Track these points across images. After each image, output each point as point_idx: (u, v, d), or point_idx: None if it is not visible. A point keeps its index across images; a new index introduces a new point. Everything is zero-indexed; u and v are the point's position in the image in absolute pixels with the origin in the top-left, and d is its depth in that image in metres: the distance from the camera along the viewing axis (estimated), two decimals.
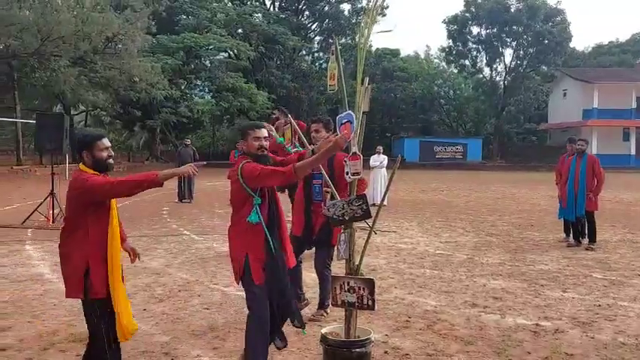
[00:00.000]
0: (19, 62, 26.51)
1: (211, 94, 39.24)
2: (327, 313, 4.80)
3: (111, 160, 3.39)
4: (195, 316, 4.89)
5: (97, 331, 3.30)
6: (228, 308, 5.12)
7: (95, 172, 3.30)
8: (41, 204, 10.50)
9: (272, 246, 3.49)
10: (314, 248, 4.94)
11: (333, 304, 3.51)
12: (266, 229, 3.46)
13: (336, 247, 3.57)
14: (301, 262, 5.01)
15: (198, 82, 39.54)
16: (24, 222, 10.20)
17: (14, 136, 29.42)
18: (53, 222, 10.18)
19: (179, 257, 7.54)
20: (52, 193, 10.44)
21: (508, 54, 46.90)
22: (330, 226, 4.63)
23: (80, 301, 3.36)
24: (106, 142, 3.37)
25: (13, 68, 27.11)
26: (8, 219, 10.84)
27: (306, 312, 4.91)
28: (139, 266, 6.85)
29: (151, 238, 8.98)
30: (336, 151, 3.33)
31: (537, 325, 4.70)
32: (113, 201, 3.37)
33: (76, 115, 37.41)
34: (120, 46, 27.38)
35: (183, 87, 36.48)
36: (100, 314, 3.28)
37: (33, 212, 10.36)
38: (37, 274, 6.41)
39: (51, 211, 10.35)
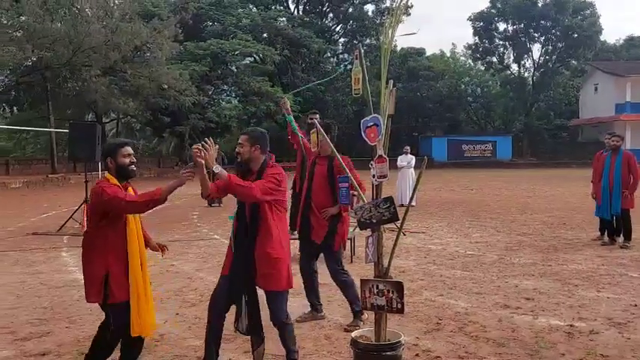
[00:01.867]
0: (52, 73, 27.26)
1: (238, 98, 39.65)
2: (363, 322, 4.60)
3: (133, 167, 3.59)
4: (227, 319, 4.93)
5: (109, 332, 3.57)
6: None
7: (117, 183, 3.48)
8: (76, 211, 10.77)
9: (233, 251, 3.68)
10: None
11: (362, 308, 3.51)
12: (232, 232, 3.71)
13: (364, 250, 3.57)
14: (316, 271, 4.94)
15: (225, 88, 40.00)
16: (60, 229, 10.48)
17: (49, 145, 30.23)
18: None
19: (210, 261, 7.64)
20: (86, 201, 10.69)
21: (536, 49, 46.21)
22: (332, 231, 4.67)
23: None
24: (129, 149, 3.58)
25: (46, 79, 27.89)
26: (45, 226, 11.15)
27: (341, 322, 4.82)
28: (171, 271, 6.98)
29: (182, 243, 9.13)
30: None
31: (571, 326, 4.62)
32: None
33: (108, 122, 38.22)
34: (148, 54, 27.97)
35: (210, 93, 36.95)
36: (114, 318, 3.50)
37: (68, 219, 10.63)
38: (73, 280, 6.57)
39: (85, 218, 10.60)
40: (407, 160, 14.32)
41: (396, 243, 3.43)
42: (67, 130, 14.12)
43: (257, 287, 3.70)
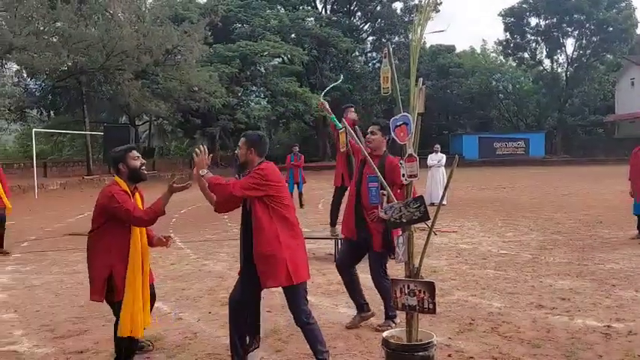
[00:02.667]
0: (86, 77, 27.89)
1: (267, 99, 39.93)
2: (396, 324, 4.54)
3: (144, 168, 3.80)
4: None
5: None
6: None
7: (126, 189, 3.66)
8: None
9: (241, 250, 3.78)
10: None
11: (393, 307, 3.49)
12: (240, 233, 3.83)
13: (395, 250, 3.55)
14: (355, 272, 4.86)
15: (254, 89, 40.34)
16: None
17: (84, 148, 30.95)
18: None
19: None
20: None
21: (570, 44, 45.09)
22: (388, 237, 4.46)
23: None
24: (136, 152, 3.79)
25: (81, 83, 28.55)
26: (81, 227, 11.42)
27: (372, 321, 4.79)
28: (203, 270, 7.08)
29: (213, 242, 9.24)
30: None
31: (609, 326, 4.51)
32: (138, 204, 3.79)
33: (140, 125, 38.94)
34: (179, 57, 28.36)
35: (239, 94, 37.30)
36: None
37: None
38: None
39: None
40: (437, 158, 14.19)
41: (427, 242, 3.40)
42: (101, 133, 14.49)
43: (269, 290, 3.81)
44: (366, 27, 47.53)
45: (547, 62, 46.82)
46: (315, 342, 3.69)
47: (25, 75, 29.38)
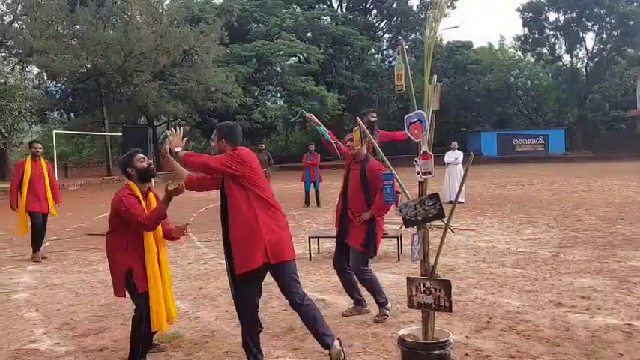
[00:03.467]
0: (105, 79, 28.29)
1: (283, 98, 40.03)
2: (389, 309, 4.73)
3: (152, 167, 4.00)
4: (275, 317, 5.01)
5: (144, 319, 3.82)
6: None
7: (138, 194, 3.83)
8: None
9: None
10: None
11: (409, 306, 3.47)
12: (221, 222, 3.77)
13: (410, 247, 3.54)
14: (349, 271, 4.96)
15: (270, 88, 40.47)
16: None
17: (104, 149, 31.38)
18: None
19: None
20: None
21: (589, 38, 44.52)
22: (371, 236, 4.63)
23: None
24: (141, 155, 3.97)
25: (100, 85, 28.96)
26: (101, 227, 11.58)
27: (388, 320, 4.78)
28: (220, 269, 7.12)
29: None
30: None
31: (630, 325, 4.44)
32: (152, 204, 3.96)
33: (159, 125, 39.31)
34: (196, 58, 28.61)
35: (256, 93, 37.45)
36: (145, 303, 3.81)
37: None
38: None
39: None
40: (454, 156, 14.08)
41: (442, 240, 3.38)
42: (120, 134, 14.65)
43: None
44: (382, 25, 47.40)
45: (566, 57, 46.26)
46: (314, 324, 3.65)
47: (46, 77, 29.89)
